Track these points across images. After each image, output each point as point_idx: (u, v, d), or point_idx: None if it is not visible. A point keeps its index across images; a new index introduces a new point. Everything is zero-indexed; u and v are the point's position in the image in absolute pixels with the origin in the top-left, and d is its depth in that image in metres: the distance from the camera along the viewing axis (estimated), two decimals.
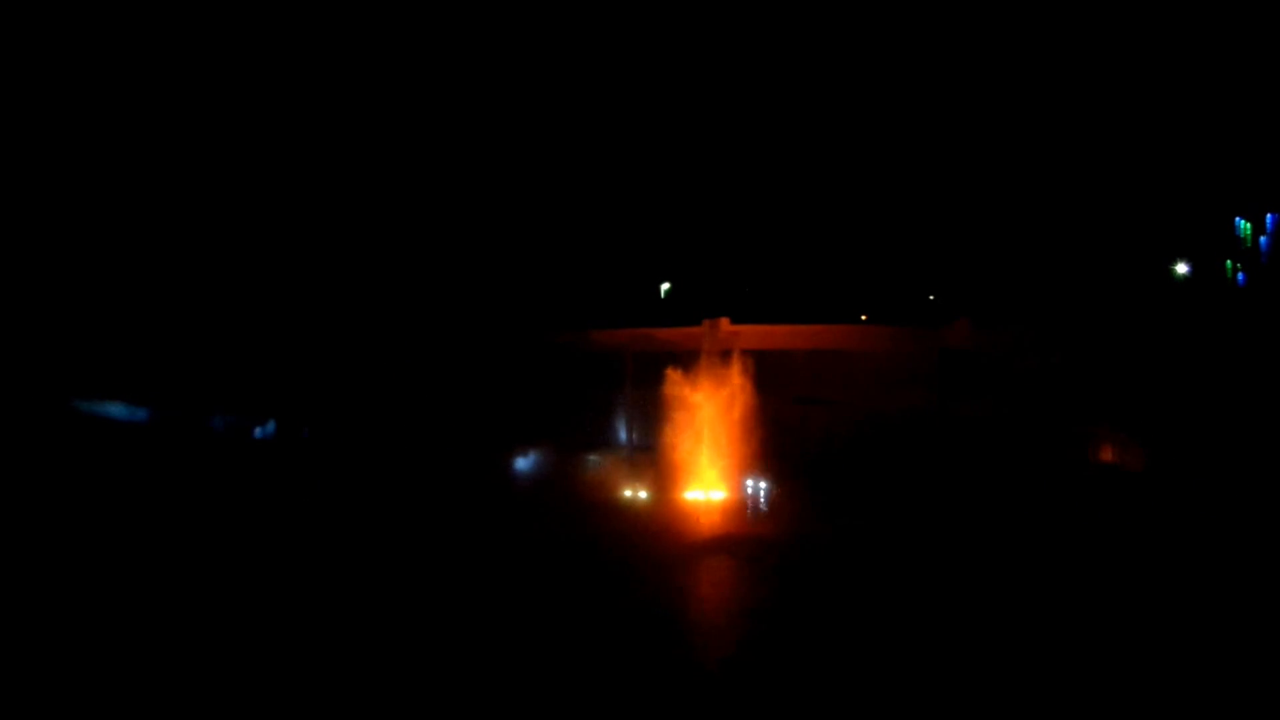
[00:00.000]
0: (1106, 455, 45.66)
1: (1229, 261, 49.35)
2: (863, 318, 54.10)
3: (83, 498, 39.37)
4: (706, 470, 46.96)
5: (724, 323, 52.73)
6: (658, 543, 36.15)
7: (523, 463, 49.62)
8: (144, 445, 47.37)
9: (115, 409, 49.59)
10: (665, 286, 54.35)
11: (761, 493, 45.03)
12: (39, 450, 43.47)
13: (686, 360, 52.45)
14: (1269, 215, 48.78)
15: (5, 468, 40.71)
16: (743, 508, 43.44)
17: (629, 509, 44.33)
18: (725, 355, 52.38)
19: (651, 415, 50.74)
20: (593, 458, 49.76)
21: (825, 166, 54.73)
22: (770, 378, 50.71)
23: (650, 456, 49.82)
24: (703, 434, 47.27)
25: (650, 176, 54.47)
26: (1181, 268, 49.80)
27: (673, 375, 49.38)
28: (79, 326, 49.47)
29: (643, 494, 46.46)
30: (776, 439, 48.54)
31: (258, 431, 50.65)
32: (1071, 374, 48.03)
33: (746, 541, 36.39)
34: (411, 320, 51.68)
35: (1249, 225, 49.45)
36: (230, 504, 40.46)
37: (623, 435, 51.87)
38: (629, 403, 52.10)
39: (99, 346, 49.36)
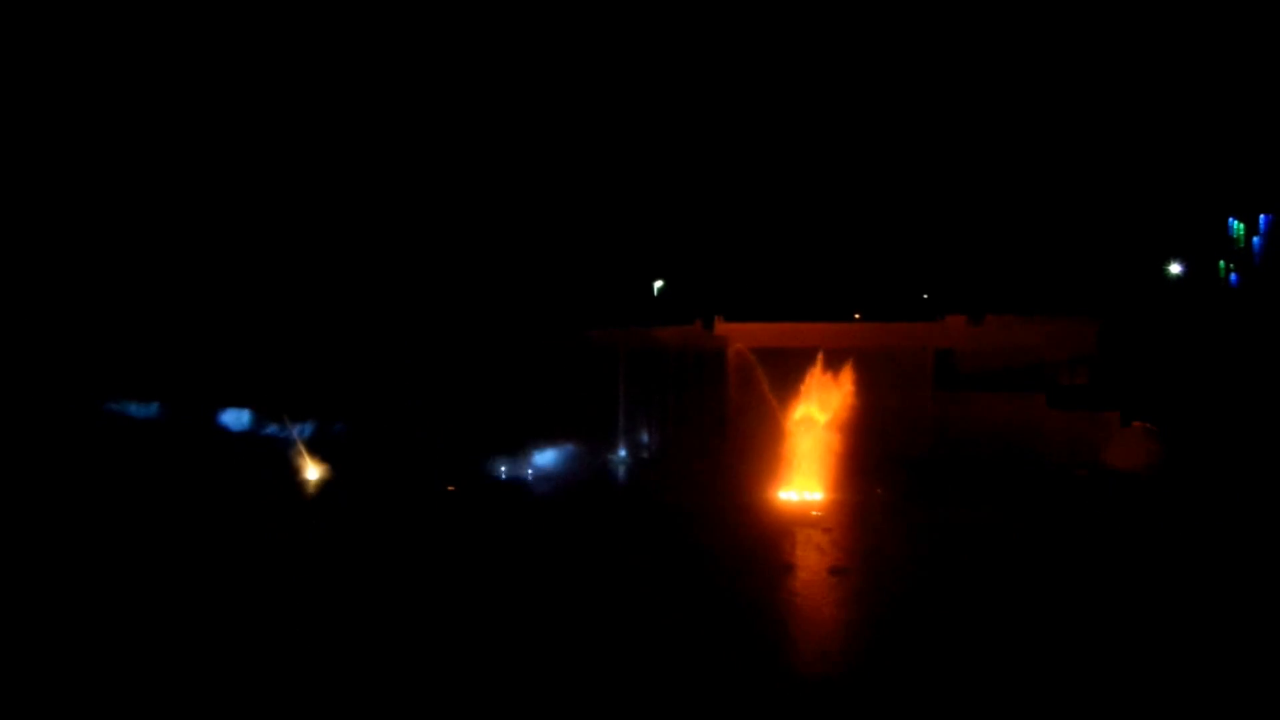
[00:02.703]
0: (1101, 452, 45.79)
1: (1222, 261, 49.55)
2: (856, 315, 53.98)
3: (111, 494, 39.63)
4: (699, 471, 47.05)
5: (717, 321, 52.64)
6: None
7: (517, 462, 49.50)
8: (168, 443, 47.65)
9: (138, 408, 49.51)
10: (658, 284, 54.06)
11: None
12: (67, 449, 43.71)
13: (680, 358, 52.38)
14: (1262, 216, 48.97)
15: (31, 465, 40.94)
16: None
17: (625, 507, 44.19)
18: (718, 354, 52.34)
19: (644, 416, 50.97)
20: (588, 455, 49.70)
21: (820, 166, 54.68)
22: (763, 374, 50.72)
23: (644, 456, 50.04)
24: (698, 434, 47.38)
25: (644, 175, 54.23)
26: (1175, 267, 49.97)
27: (665, 374, 49.42)
28: (110, 329, 49.46)
29: (635, 495, 46.58)
30: (766, 439, 48.65)
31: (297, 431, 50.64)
32: (1065, 371, 48.21)
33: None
34: (410, 321, 51.52)
35: (1242, 226, 49.63)
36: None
37: (618, 435, 51.59)
38: (623, 403, 51.87)
39: (133, 348, 49.36)
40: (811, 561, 32.74)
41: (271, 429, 50.67)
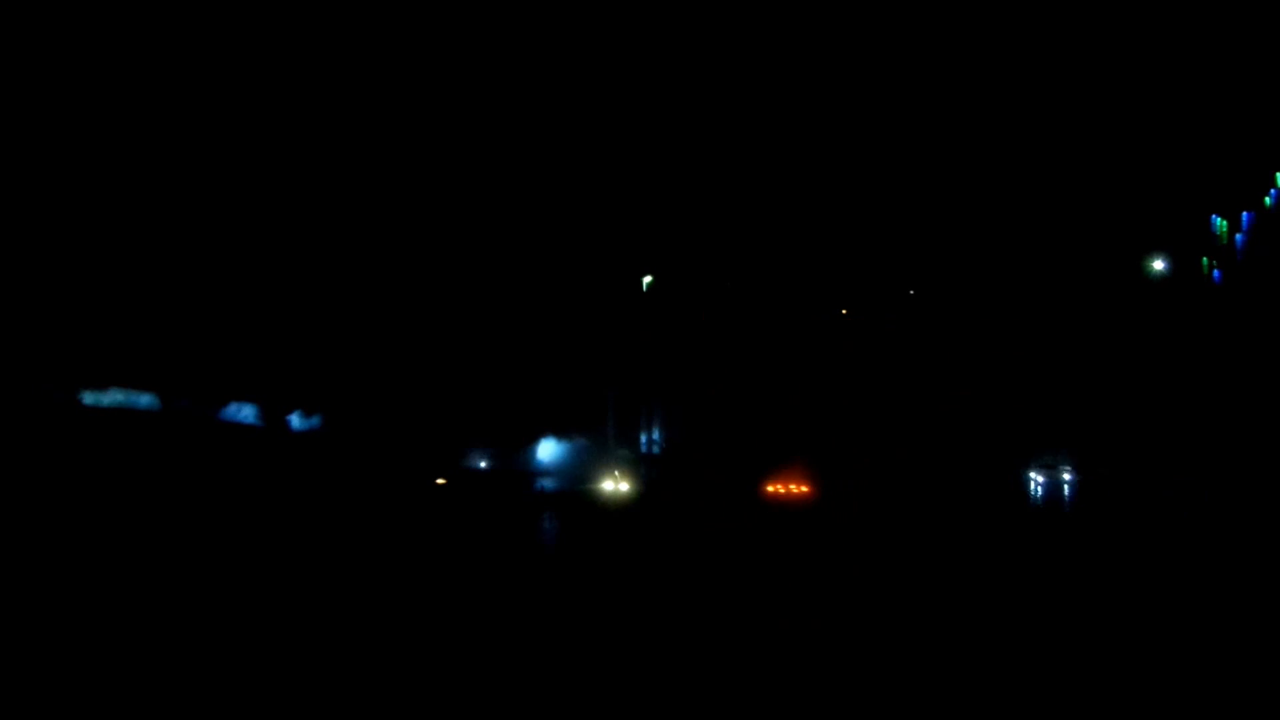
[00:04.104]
0: (1088, 450, 46.13)
1: (1205, 258, 49.78)
2: (843, 312, 54.26)
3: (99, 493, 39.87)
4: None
5: (707, 316, 52.99)
6: None
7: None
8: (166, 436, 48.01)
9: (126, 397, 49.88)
10: (647, 280, 54.35)
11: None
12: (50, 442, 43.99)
13: (671, 353, 52.76)
14: (1245, 213, 49.27)
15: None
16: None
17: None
18: (708, 348, 52.73)
19: (639, 411, 51.42)
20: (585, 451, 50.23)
21: (805, 161, 54.88)
22: (751, 371, 51.19)
23: (639, 451, 50.63)
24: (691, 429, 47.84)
25: (632, 170, 54.50)
26: (1159, 264, 50.22)
27: (657, 369, 49.81)
28: (97, 317, 49.78)
29: (624, 486, 47.25)
30: (756, 433, 49.23)
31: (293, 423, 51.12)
32: (1051, 369, 48.50)
33: None
34: (404, 315, 51.97)
35: (1225, 223, 49.93)
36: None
37: (612, 431, 51.97)
38: (616, 399, 52.28)
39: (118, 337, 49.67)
40: (793, 547, 33.48)
41: (264, 421, 51.03)
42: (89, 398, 48.92)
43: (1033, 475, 45.85)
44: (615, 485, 47.43)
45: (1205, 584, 28.51)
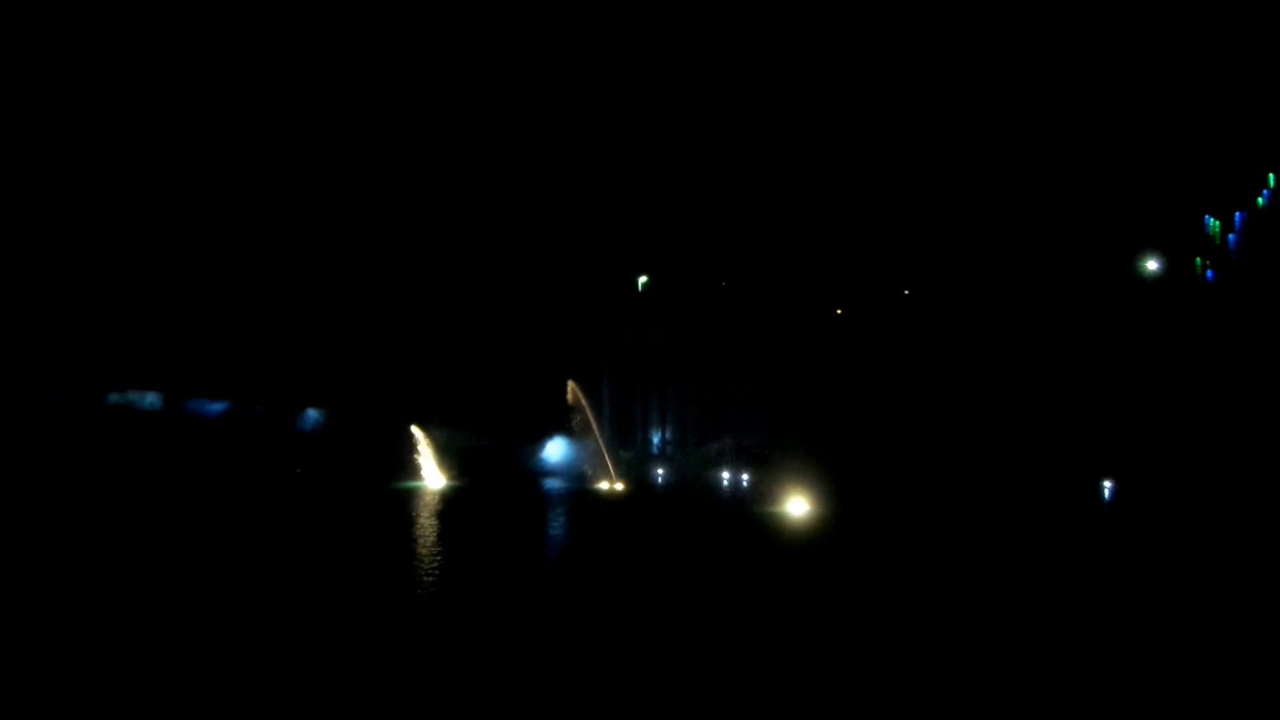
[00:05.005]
0: (1080, 446, 46.24)
1: (1199, 258, 50.04)
2: (838, 312, 54.28)
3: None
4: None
5: (703, 316, 52.99)
6: None
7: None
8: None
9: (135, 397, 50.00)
10: (643, 280, 54.30)
11: None
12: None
13: (667, 354, 52.75)
14: (1238, 214, 49.61)
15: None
16: None
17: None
18: (704, 348, 52.71)
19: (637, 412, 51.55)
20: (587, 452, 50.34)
21: (801, 161, 55.01)
22: (746, 371, 51.20)
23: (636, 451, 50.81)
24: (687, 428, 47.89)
25: (629, 170, 54.54)
26: (1152, 264, 50.44)
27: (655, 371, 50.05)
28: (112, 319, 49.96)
29: (619, 485, 47.28)
30: (750, 431, 49.22)
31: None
32: (1045, 367, 48.64)
33: None
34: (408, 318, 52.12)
35: (1218, 223, 50.24)
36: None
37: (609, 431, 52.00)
38: (612, 401, 52.26)
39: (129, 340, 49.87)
40: (789, 544, 33.53)
41: (265, 419, 51.12)
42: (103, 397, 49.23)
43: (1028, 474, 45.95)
44: (613, 485, 47.46)
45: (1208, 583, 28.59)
